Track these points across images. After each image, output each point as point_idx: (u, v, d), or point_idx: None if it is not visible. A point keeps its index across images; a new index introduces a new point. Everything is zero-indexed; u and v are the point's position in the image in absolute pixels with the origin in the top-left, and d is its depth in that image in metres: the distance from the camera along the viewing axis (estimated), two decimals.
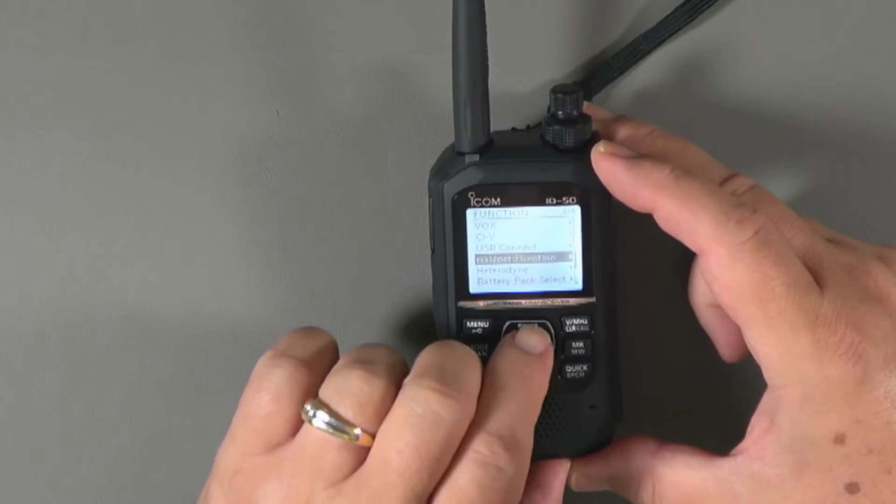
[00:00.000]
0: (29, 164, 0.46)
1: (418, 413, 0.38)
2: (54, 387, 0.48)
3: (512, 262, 0.42)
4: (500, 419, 0.39)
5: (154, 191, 0.46)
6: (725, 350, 0.44)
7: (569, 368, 0.43)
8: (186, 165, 0.46)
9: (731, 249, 0.39)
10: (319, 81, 0.46)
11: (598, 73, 0.45)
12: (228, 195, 0.46)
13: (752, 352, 0.40)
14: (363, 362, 0.40)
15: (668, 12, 0.45)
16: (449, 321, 0.43)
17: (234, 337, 0.47)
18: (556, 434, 0.43)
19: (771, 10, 0.46)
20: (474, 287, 0.42)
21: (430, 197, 0.42)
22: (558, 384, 0.43)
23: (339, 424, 0.39)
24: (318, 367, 0.41)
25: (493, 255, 0.42)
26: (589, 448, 0.44)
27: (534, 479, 0.43)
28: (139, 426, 0.48)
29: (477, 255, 0.42)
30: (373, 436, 0.39)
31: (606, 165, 0.41)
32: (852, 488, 0.39)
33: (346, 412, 0.39)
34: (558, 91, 0.42)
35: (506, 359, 0.41)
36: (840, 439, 0.39)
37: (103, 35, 0.45)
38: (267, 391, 0.40)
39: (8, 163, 0.46)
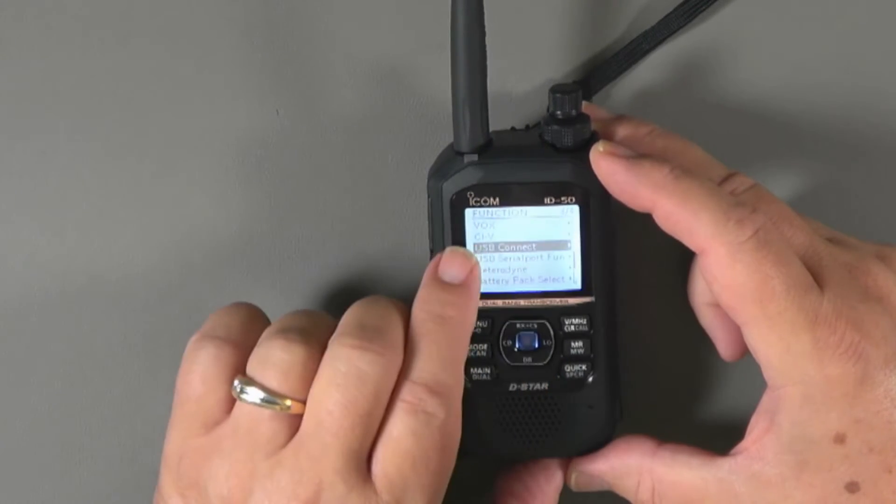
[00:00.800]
0: (29, 164, 0.46)
1: (342, 371, 0.39)
2: (54, 386, 0.48)
3: (511, 261, 0.42)
4: (422, 366, 0.40)
5: (154, 190, 0.46)
6: (725, 350, 0.44)
7: (568, 368, 0.43)
8: (186, 165, 0.46)
9: (730, 249, 0.39)
10: (319, 81, 0.46)
11: (598, 72, 0.45)
12: (228, 195, 0.46)
13: (752, 351, 0.40)
14: (283, 331, 0.41)
15: (668, 12, 0.45)
16: None
17: None
18: (556, 434, 0.43)
19: (771, 10, 0.46)
20: None
21: (429, 197, 0.42)
22: (557, 384, 0.43)
23: (268, 397, 0.39)
24: (244, 342, 0.41)
25: (491, 255, 0.42)
26: (588, 448, 0.44)
27: (538, 462, 0.43)
28: (139, 427, 0.48)
29: (476, 255, 0.42)
30: (303, 402, 0.39)
31: (605, 165, 0.41)
32: (852, 487, 0.39)
33: (272, 383, 0.39)
34: (557, 91, 0.42)
35: (423, 302, 0.41)
36: (840, 439, 0.39)
37: (103, 35, 0.45)
38: (195, 373, 0.41)
39: (8, 163, 0.46)
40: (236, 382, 0.40)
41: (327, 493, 0.38)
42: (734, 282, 0.39)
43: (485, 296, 0.42)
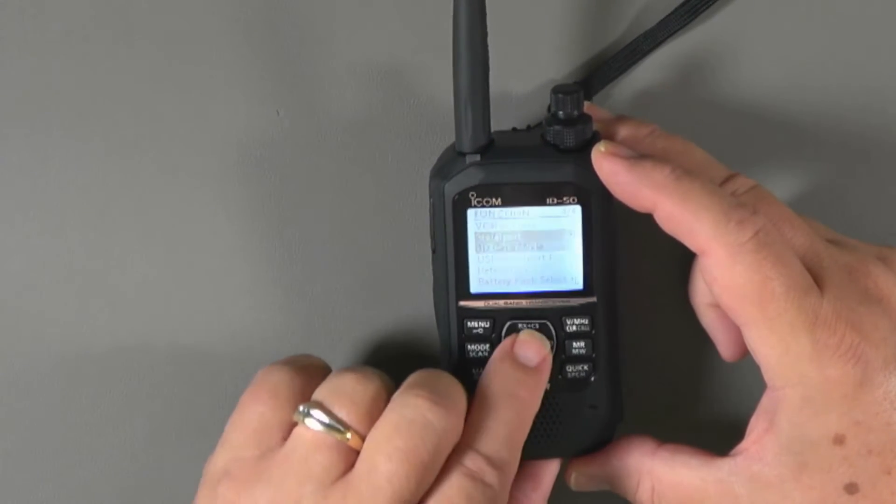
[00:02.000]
0: (29, 164, 0.46)
1: (409, 418, 0.38)
2: (53, 386, 0.48)
3: (512, 262, 0.42)
4: (489, 439, 0.40)
5: (154, 191, 0.46)
6: (725, 350, 0.44)
7: (569, 368, 0.43)
8: (186, 165, 0.46)
9: (731, 250, 0.39)
10: (319, 81, 0.46)
11: (598, 73, 0.45)
12: (228, 195, 0.46)
13: (752, 352, 0.40)
14: (356, 369, 0.41)
15: (668, 12, 0.45)
16: (450, 321, 0.43)
17: (234, 337, 0.47)
18: (557, 434, 0.43)
19: (771, 10, 0.46)
20: (475, 287, 0.42)
21: (430, 197, 0.42)
22: (559, 384, 0.43)
23: (332, 422, 0.39)
24: (313, 378, 0.42)
25: (493, 255, 0.42)
26: (589, 448, 0.44)
27: (526, 471, 0.43)
28: (138, 426, 0.48)
29: (478, 255, 0.42)
30: (363, 438, 0.39)
31: (607, 165, 0.41)
32: (851, 489, 0.39)
33: (340, 411, 0.39)
34: (559, 91, 0.42)
35: (498, 376, 0.41)
36: (839, 440, 0.39)
37: (103, 35, 0.45)
38: (265, 390, 0.41)
39: (8, 163, 0.46)
40: (302, 406, 0.40)
41: None
42: (734, 283, 0.39)
43: (486, 296, 0.42)
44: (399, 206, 0.46)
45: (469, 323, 0.43)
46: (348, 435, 0.39)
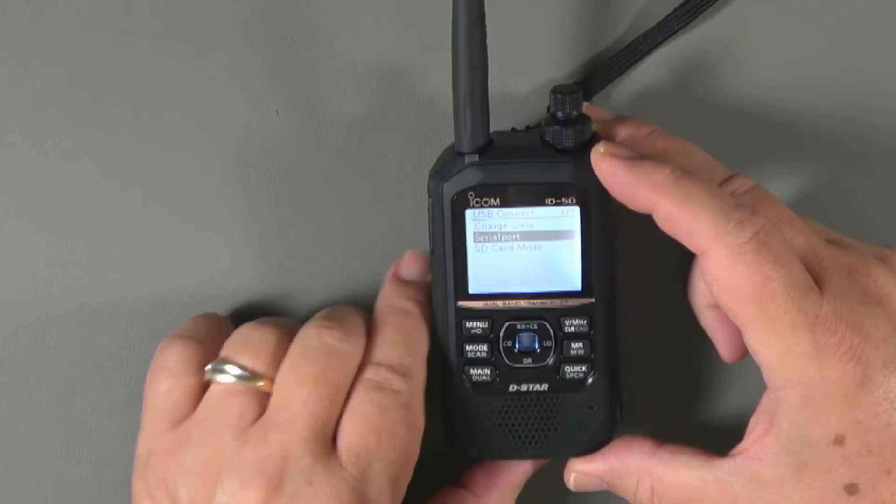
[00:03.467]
0: (29, 164, 0.46)
1: (313, 346, 0.41)
2: (53, 386, 0.48)
3: (511, 262, 0.42)
4: (386, 350, 0.42)
5: (154, 191, 0.46)
6: (725, 350, 0.44)
7: (568, 369, 0.43)
8: (186, 165, 0.46)
9: (730, 250, 0.39)
10: (319, 81, 0.46)
11: (598, 73, 0.45)
12: (228, 195, 0.46)
13: (752, 353, 0.40)
14: (255, 322, 0.43)
15: (668, 12, 0.45)
16: (448, 321, 0.43)
17: None
18: (556, 434, 0.43)
19: (771, 10, 0.46)
20: (473, 287, 0.42)
21: (429, 197, 0.42)
22: (557, 384, 0.43)
23: (241, 372, 0.41)
24: (210, 342, 0.43)
25: (492, 256, 0.42)
26: (588, 448, 0.44)
27: (491, 480, 0.44)
28: (137, 425, 0.48)
29: (476, 256, 0.42)
30: (272, 380, 0.41)
31: (606, 166, 0.41)
32: (851, 489, 0.39)
33: (244, 360, 0.41)
34: (558, 91, 0.41)
35: (385, 298, 0.44)
36: (839, 440, 0.39)
37: (103, 35, 0.45)
38: (161, 369, 0.42)
39: (8, 163, 0.46)
40: (210, 365, 0.41)
41: (293, 465, 0.39)
42: (734, 283, 0.39)
43: (485, 296, 0.42)
44: (399, 206, 0.46)
45: (467, 323, 0.43)
46: (259, 382, 0.40)
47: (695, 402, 0.48)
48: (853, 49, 0.46)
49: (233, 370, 0.41)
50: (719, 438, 0.42)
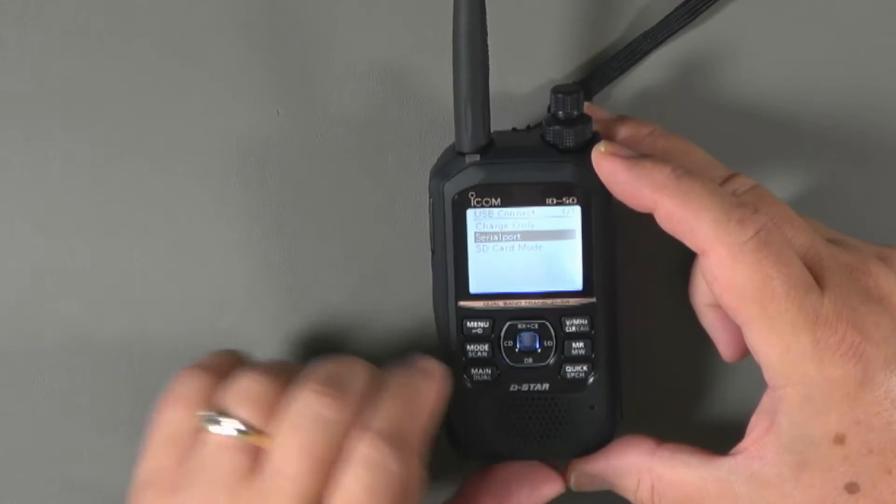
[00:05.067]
0: (29, 164, 0.46)
1: (305, 415, 0.39)
2: (54, 385, 0.48)
3: (512, 262, 0.42)
4: (384, 417, 0.40)
5: (154, 191, 0.46)
6: (726, 350, 0.44)
7: (569, 369, 0.43)
8: (186, 165, 0.46)
9: (731, 249, 0.39)
10: (319, 81, 0.46)
11: (598, 73, 0.45)
12: (228, 195, 0.46)
13: (753, 352, 0.40)
14: (256, 366, 0.41)
15: (668, 12, 0.45)
16: (449, 321, 0.43)
17: (234, 336, 0.47)
18: (556, 434, 0.43)
19: (771, 10, 0.46)
20: (474, 287, 0.42)
21: (430, 197, 0.42)
22: (558, 384, 0.43)
23: (235, 425, 0.39)
24: (226, 376, 0.42)
25: (493, 255, 0.42)
26: (589, 448, 0.44)
27: (525, 479, 0.43)
28: (138, 425, 0.48)
29: (477, 255, 0.42)
30: (268, 435, 0.39)
31: (607, 165, 0.41)
32: (852, 488, 0.39)
33: (238, 411, 0.40)
34: (559, 91, 0.42)
35: (396, 372, 0.41)
36: (840, 439, 0.39)
37: (103, 35, 0.45)
38: (176, 398, 0.41)
39: (8, 163, 0.46)
40: (203, 412, 0.40)
41: None
42: (735, 282, 0.39)
43: (486, 296, 0.42)
44: (399, 206, 0.46)
45: (468, 323, 0.43)
46: (251, 436, 0.39)
47: (695, 401, 0.48)
48: (853, 49, 0.46)
49: (228, 423, 0.40)
50: (720, 437, 0.42)
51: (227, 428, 0.39)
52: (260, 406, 0.40)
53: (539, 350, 0.43)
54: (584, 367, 0.43)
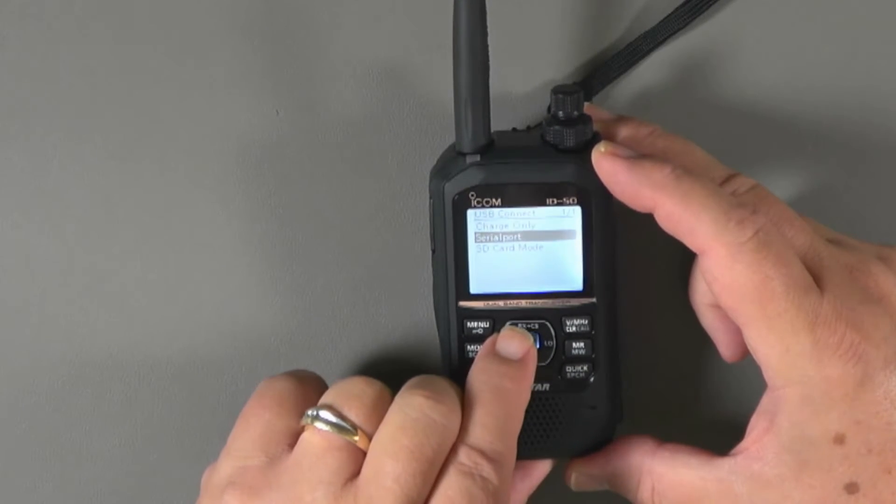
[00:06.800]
0: (29, 164, 0.46)
1: (413, 417, 0.39)
2: (53, 386, 0.48)
3: (512, 262, 0.42)
4: (479, 432, 0.40)
5: (154, 191, 0.46)
6: (725, 350, 0.44)
7: (569, 369, 0.43)
8: (186, 165, 0.46)
9: (731, 250, 0.39)
10: (319, 81, 0.46)
11: (598, 73, 0.45)
12: (228, 195, 0.46)
13: (752, 352, 0.40)
14: (359, 376, 0.41)
15: (668, 12, 0.45)
16: (449, 321, 0.43)
17: (234, 336, 0.47)
18: (557, 434, 0.43)
19: (771, 10, 0.46)
20: (475, 287, 0.42)
21: (430, 197, 0.42)
22: (558, 384, 0.43)
23: (341, 423, 0.39)
24: (314, 389, 0.42)
25: (493, 256, 0.42)
26: (589, 448, 0.44)
27: (517, 466, 0.43)
28: (138, 426, 0.48)
29: (477, 256, 0.42)
30: (370, 438, 0.39)
31: (607, 165, 0.41)
32: (852, 488, 0.39)
33: (349, 412, 0.40)
34: (559, 91, 0.42)
35: (482, 373, 0.41)
36: (840, 439, 0.39)
37: (103, 35, 0.45)
38: (270, 398, 0.41)
39: (8, 163, 0.46)
40: (311, 410, 0.40)
41: None
42: (734, 282, 0.39)
43: (486, 297, 0.42)
44: (399, 206, 0.46)
45: (469, 323, 0.43)
46: (356, 436, 0.39)
47: (695, 401, 0.48)
48: (853, 49, 0.46)
49: (333, 418, 0.40)
50: (720, 438, 0.42)
51: (337, 424, 0.39)
52: (366, 408, 0.40)
53: (539, 350, 0.43)
54: (585, 367, 0.43)
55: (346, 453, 0.39)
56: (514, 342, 0.42)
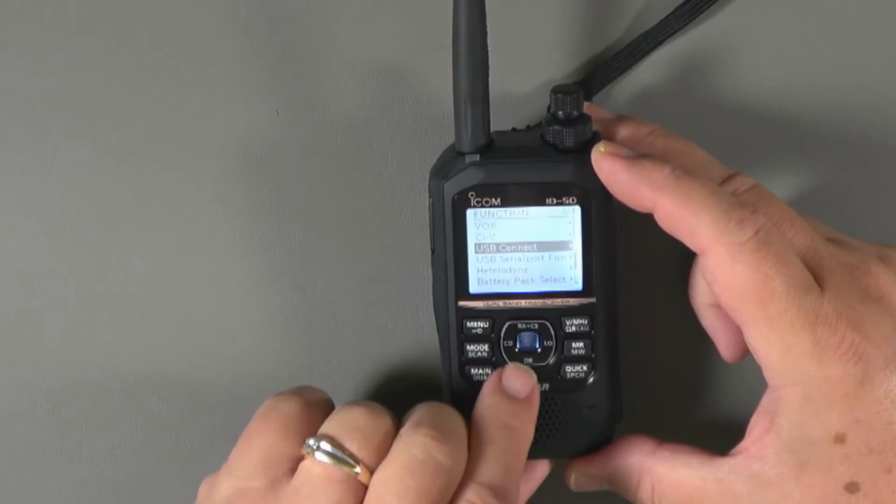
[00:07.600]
0: (29, 164, 0.46)
1: (419, 458, 0.38)
2: (53, 385, 0.48)
3: (512, 262, 0.42)
4: (488, 470, 0.40)
5: (154, 191, 0.46)
6: (725, 350, 0.44)
7: (569, 368, 0.43)
8: (186, 165, 0.46)
9: (731, 249, 0.39)
10: (319, 81, 0.46)
11: (598, 73, 0.45)
12: (228, 195, 0.46)
13: (753, 352, 0.40)
14: (364, 404, 0.41)
15: (668, 12, 0.45)
16: (449, 321, 0.43)
17: (233, 338, 0.47)
18: (556, 434, 0.43)
19: (771, 10, 0.46)
20: (474, 287, 0.42)
21: (430, 197, 0.42)
22: (558, 384, 0.43)
23: (342, 455, 0.39)
24: (320, 411, 0.41)
25: (493, 256, 0.42)
26: (589, 448, 0.44)
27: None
28: (138, 426, 0.48)
29: (477, 255, 0.42)
30: (372, 472, 0.39)
31: (607, 165, 0.41)
32: (852, 488, 0.39)
33: (351, 444, 0.39)
34: (558, 91, 0.42)
35: (490, 409, 0.41)
36: (840, 439, 0.39)
37: (103, 35, 0.45)
38: (275, 420, 0.41)
39: (8, 163, 0.46)
40: (311, 440, 0.40)
41: None
42: (734, 282, 0.39)
43: (486, 296, 0.42)
44: (399, 206, 0.46)
45: (468, 323, 0.43)
46: (357, 469, 0.39)
47: (695, 401, 0.48)
48: (853, 49, 0.46)
49: (335, 451, 0.39)
50: (720, 438, 0.42)
51: (336, 457, 0.39)
52: (369, 442, 0.39)
53: (539, 350, 0.43)
54: (584, 367, 0.43)
55: (346, 486, 0.39)
56: (520, 380, 0.42)
